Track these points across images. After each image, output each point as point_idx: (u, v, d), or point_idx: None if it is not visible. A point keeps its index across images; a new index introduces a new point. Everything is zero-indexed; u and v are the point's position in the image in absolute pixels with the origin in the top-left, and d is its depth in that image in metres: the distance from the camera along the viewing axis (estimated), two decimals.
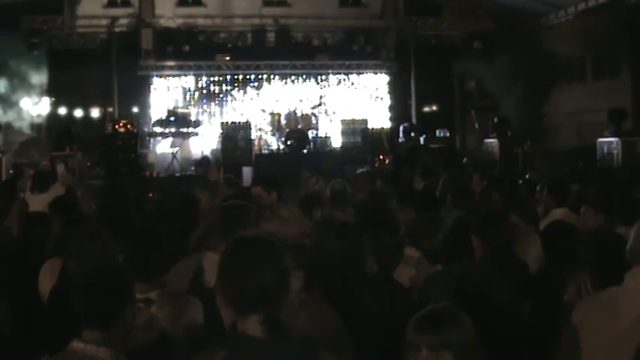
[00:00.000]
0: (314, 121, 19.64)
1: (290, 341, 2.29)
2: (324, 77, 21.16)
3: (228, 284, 2.33)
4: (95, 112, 19.91)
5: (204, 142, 19.00)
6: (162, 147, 18.93)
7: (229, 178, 9.27)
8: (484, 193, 6.76)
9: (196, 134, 18.69)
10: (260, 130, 19.73)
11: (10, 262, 4.80)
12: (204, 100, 20.57)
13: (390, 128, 19.85)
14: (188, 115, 18.96)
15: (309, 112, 19.98)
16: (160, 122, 18.58)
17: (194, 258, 4.32)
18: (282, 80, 20.92)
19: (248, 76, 20.69)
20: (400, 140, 18.12)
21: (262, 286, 2.27)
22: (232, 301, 2.32)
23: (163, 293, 3.34)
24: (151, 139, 18.98)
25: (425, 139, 18.69)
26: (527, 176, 11.07)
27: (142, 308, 3.10)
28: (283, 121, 19.07)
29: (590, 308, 2.98)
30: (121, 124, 17.20)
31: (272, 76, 20.85)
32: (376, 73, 21.42)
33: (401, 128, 18.56)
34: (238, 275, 2.31)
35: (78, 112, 19.55)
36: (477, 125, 20.40)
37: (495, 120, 17.75)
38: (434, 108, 21.82)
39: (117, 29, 19.80)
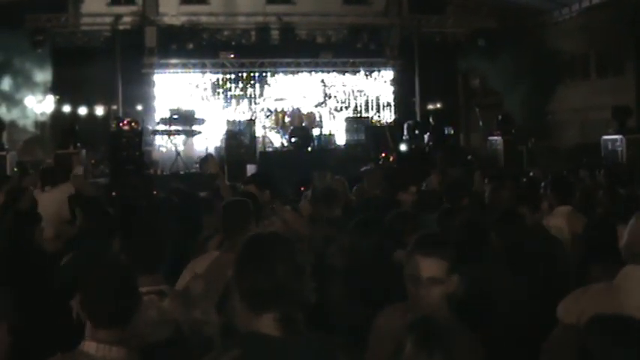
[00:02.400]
0: (318, 119, 19.63)
1: (305, 341, 2.24)
2: (328, 75, 21.15)
3: (242, 281, 2.26)
4: (99, 110, 19.89)
5: (209, 140, 18.97)
6: (166, 145, 18.91)
7: None
8: (495, 194, 6.57)
9: (200, 132, 18.65)
10: (264, 127, 19.73)
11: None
12: (208, 98, 20.57)
13: (394, 126, 19.81)
14: (192, 113, 18.92)
15: (313, 109, 19.96)
16: (164, 120, 18.56)
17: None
18: (286, 78, 20.92)
19: (252, 74, 20.69)
20: (404, 137, 18.08)
21: (277, 283, 2.21)
22: (247, 299, 2.25)
23: (173, 288, 3.32)
24: (155, 137, 18.96)
25: (430, 137, 18.63)
26: (531, 174, 11.09)
27: (155, 300, 3.03)
28: (287, 119, 19.04)
29: (576, 302, 2.96)
30: (125, 122, 17.14)
31: (276, 74, 20.84)
32: (380, 71, 21.39)
33: (405, 126, 18.52)
34: (253, 272, 2.24)
35: (82, 110, 19.54)
36: (481, 123, 20.36)
37: (499, 117, 17.68)
38: (438, 105, 21.78)
39: (121, 27, 19.80)
